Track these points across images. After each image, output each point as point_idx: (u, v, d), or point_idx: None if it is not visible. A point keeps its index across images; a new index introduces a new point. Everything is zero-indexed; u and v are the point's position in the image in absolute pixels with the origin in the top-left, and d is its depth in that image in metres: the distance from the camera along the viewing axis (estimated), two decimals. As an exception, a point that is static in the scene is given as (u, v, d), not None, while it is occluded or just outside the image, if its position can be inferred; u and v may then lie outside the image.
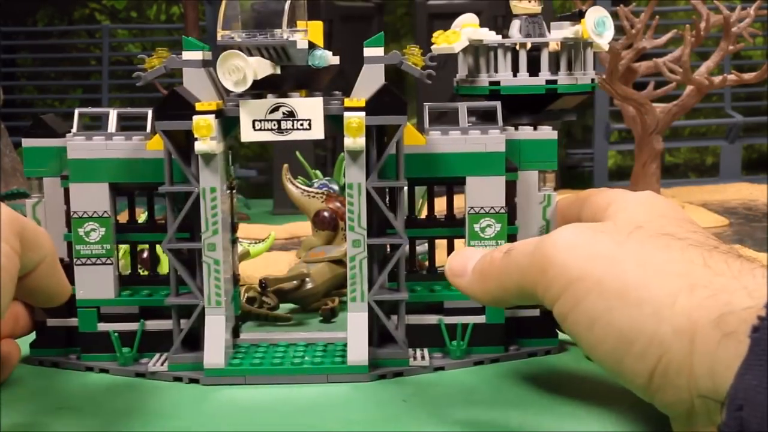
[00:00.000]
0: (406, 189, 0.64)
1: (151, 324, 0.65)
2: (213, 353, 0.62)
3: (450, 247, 0.69)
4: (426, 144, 0.64)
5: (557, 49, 0.67)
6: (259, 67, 0.59)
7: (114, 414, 0.57)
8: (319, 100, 0.61)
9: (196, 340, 0.63)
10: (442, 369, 0.64)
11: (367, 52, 0.62)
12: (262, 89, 0.61)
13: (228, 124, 0.63)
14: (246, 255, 0.85)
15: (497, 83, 0.67)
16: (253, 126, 0.61)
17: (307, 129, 0.61)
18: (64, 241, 0.65)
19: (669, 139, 1.68)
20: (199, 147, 0.60)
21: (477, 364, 0.65)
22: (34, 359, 0.66)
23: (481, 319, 0.65)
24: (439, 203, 0.69)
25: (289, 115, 0.61)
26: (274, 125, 0.61)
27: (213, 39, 0.61)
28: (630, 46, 1.18)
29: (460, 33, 0.67)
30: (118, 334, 0.64)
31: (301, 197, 0.86)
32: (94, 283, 0.65)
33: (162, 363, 0.64)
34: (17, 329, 0.65)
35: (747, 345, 0.40)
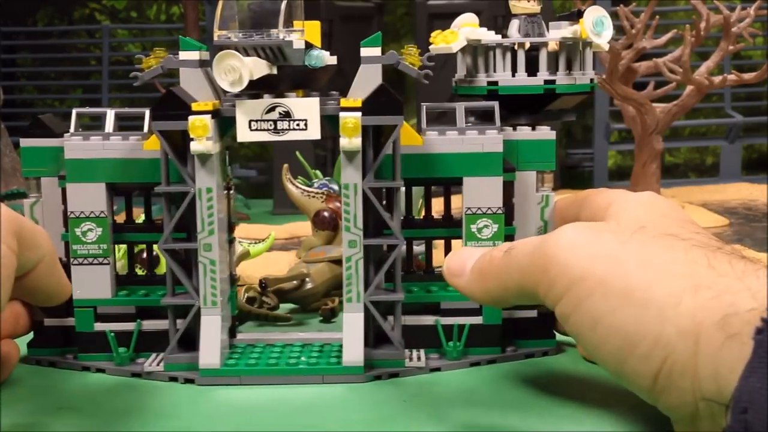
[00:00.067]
0: (403, 189, 0.64)
1: (148, 324, 0.65)
2: (208, 353, 0.62)
3: (447, 248, 0.68)
4: (423, 144, 0.64)
5: (556, 49, 0.67)
6: (255, 68, 0.58)
7: (113, 414, 0.57)
8: (316, 100, 0.61)
9: (192, 340, 0.63)
10: (438, 370, 0.64)
11: (364, 52, 0.62)
12: (258, 89, 0.60)
13: (224, 124, 0.63)
14: (246, 255, 0.85)
15: (495, 83, 0.67)
16: (250, 126, 0.61)
17: (303, 129, 0.61)
18: (61, 241, 0.65)
19: (669, 139, 1.68)
20: (195, 147, 0.60)
21: (473, 365, 0.65)
22: (31, 359, 0.66)
23: (478, 320, 0.65)
24: (437, 204, 0.69)
25: (286, 116, 0.61)
26: (270, 125, 0.61)
27: (213, 39, 0.61)
28: (630, 46, 1.17)
29: (458, 33, 0.67)
30: (114, 333, 0.64)
31: (301, 197, 0.86)
32: (90, 283, 0.65)
33: (158, 363, 0.64)
34: (18, 329, 0.65)
35: (751, 347, 0.40)
